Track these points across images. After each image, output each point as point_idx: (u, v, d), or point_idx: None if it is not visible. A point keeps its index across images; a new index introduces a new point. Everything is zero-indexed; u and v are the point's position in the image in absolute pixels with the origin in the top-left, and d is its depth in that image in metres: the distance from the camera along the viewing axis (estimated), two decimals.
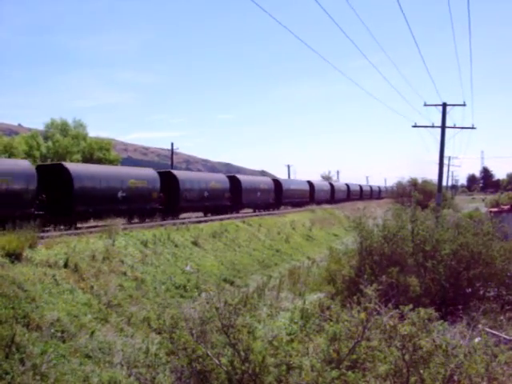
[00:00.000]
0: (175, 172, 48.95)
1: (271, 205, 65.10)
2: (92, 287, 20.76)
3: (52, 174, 34.53)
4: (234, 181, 55.12)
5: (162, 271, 26.26)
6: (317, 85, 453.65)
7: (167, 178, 45.05)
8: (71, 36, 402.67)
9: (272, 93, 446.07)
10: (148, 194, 41.12)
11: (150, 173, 43.70)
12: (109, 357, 16.22)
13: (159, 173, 44.52)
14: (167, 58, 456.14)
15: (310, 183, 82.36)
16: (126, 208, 38.42)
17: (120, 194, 37.82)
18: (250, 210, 61.14)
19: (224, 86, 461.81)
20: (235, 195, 54.12)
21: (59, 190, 33.94)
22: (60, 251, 22.47)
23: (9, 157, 45.89)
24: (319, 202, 79.38)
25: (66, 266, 21.32)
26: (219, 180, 54.19)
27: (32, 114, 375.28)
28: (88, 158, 56.83)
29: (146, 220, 39.99)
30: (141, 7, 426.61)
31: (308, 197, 79.51)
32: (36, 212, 30.68)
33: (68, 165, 36.91)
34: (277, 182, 68.73)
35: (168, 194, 44.05)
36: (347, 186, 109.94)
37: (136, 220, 39.95)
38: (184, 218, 44.97)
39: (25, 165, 32.40)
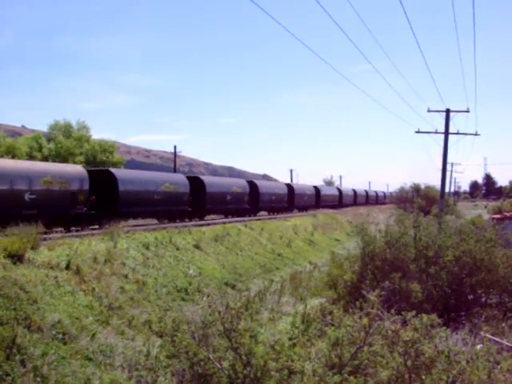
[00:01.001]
0: (202, 177, 53.38)
1: (285, 208, 68.71)
2: (93, 289, 20.75)
3: (100, 179, 37.70)
4: (252, 186, 59.11)
5: (164, 274, 26.25)
6: (320, 90, 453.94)
7: (195, 183, 48.77)
8: (76, 38, 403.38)
9: (275, 97, 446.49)
10: (179, 197, 45.14)
11: (181, 178, 48.32)
12: (110, 359, 16.19)
13: (188, 177, 49.19)
14: (171, 61, 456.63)
15: (316, 189, 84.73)
16: (161, 209, 42.54)
17: (156, 197, 41.91)
18: (266, 213, 65.32)
19: (227, 90, 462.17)
20: (253, 199, 57.74)
21: (106, 192, 37.37)
22: (62, 253, 22.47)
23: (12, 158, 45.88)
24: (326, 207, 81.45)
25: (67, 267, 21.30)
26: (240, 185, 58.32)
27: (36, 115, 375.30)
28: (91, 161, 56.84)
29: (177, 221, 42.96)
30: (146, 10, 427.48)
31: (314, 201, 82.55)
32: (88, 212, 34.82)
33: (114, 170, 41.06)
34: (290, 187, 72.06)
35: (195, 197, 47.33)
36: (354, 191, 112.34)
37: (165, 221, 42.30)
38: (208, 220, 49.05)
39: (80, 170, 36.35)
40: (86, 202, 34.88)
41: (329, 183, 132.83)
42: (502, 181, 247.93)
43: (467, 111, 44.48)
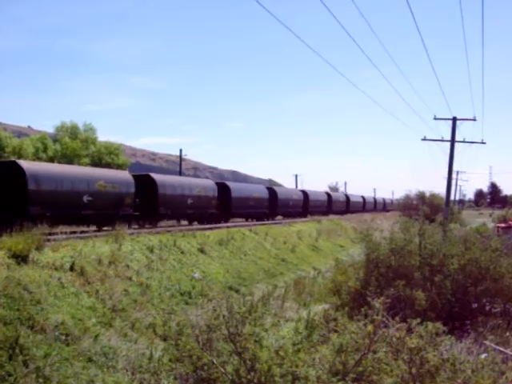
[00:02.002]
0: (228, 183, 58.60)
1: (300, 213, 72.75)
2: (97, 291, 20.76)
3: (142, 183, 41.37)
4: (271, 192, 63.61)
5: (168, 277, 26.26)
6: (326, 95, 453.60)
7: (221, 188, 53.47)
8: (83, 40, 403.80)
9: (282, 102, 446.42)
10: (209, 201, 49.81)
11: (211, 183, 53.33)
12: (112, 361, 16.19)
13: (216, 183, 54.10)
14: (179, 64, 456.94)
15: (328, 194, 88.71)
16: (193, 212, 47.40)
17: (189, 201, 46.41)
18: (282, 217, 68.42)
19: (233, 94, 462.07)
20: (272, 204, 62.00)
21: (148, 195, 41.20)
22: (66, 254, 22.49)
23: (18, 158, 45.98)
24: (336, 213, 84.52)
25: (71, 269, 21.33)
26: (260, 191, 64.33)
27: (42, 116, 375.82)
28: (97, 163, 56.93)
29: (206, 223, 47.68)
30: (153, 13, 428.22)
31: (326, 207, 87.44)
32: (134, 213, 38.77)
33: (155, 175, 44.97)
34: (305, 193, 76.47)
35: (222, 201, 52.05)
36: (363, 197, 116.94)
37: (195, 222, 48.00)
38: (234, 222, 53.25)
39: (127, 175, 40.58)
40: (133, 204, 38.90)
41: (334, 189, 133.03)
42: (507, 190, 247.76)
43: (474, 119, 44.52)
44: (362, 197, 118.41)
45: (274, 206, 64.43)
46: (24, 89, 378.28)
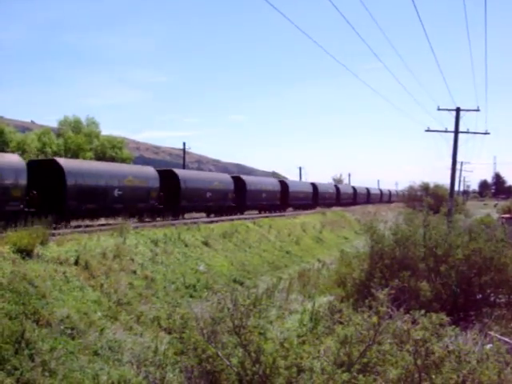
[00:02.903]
0: (244, 177, 60.44)
1: (310, 205, 74.17)
2: (102, 285, 20.80)
3: (166, 178, 43.86)
4: (283, 185, 65.26)
5: (172, 270, 26.29)
6: (330, 87, 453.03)
7: (237, 182, 55.89)
8: (85, 34, 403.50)
9: (285, 94, 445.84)
10: (226, 194, 52.35)
11: (227, 177, 55.98)
12: (118, 355, 16.24)
13: (232, 177, 57.05)
14: (181, 57, 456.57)
15: (336, 187, 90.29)
16: (212, 204, 49.90)
17: (208, 194, 48.95)
18: (293, 209, 71.27)
19: (237, 87, 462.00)
20: (284, 197, 63.60)
21: (171, 189, 43.61)
22: (71, 248, 22.53)
23: (22, 153, 46.04)
24: (344, 204, 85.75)
25: (76, 263, 21.37)
26: (273, 184, 66.76)
27: (45, 111, 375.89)
28: (100, 157, 56.92)
29: (223, 215, 49.94)
30: (155, 6, 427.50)
31: (335, 199, 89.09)
32: (158, 206, 41.21)
33: (177, 171, 48.03)
34: (314, 186, 78.32)
35: (238, 195, 54.48)
36: (367, 189, 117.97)
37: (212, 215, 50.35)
38: (249, 214, 56.10)
39: (152, 170, 43.08)
40: (157, 197, 41.33)
41: (338, 181, 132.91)
42: (511, 180, 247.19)
43: (477, 110, 44.31)
44: (367, 188, 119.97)
45: (285, 198, 65.90)
46: (27, 84, 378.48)
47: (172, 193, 43.98)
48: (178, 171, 48.11)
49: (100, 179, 35.78)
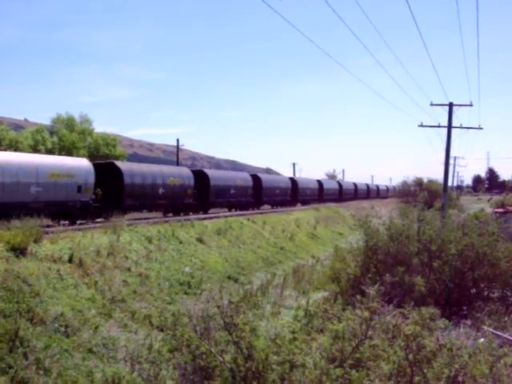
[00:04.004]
0: (260, 175, 66.58)
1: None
2: (96, 282, 20.79)
3: (198, 177, 48.73)
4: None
5: (167, 267, 26.26)
6: (323, 82, 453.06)
7: (254, 179, 61.01)
8: (78, 31, 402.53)
9: (278, 90, 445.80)
10: (246, 190, 57.35)
11: (246, 175, 61.64)
12: (112, 352, 16.26)
13: (250, 175, 62.69)
14: (174, 54, 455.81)
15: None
16: (234, 200, 55.17)
17: (232, 191, 54.16)
18: (301, 204, 76.31)
19: (230, 83, 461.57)
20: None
21: (201, 187, 48.27)
22: (65, 246, 22.49)
23: (15, 151, 45.96)
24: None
25: (70, 260, 21.35)
26: (285, 181, 72.58)
27: (38, 108, 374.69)
28: (94, 154, 56.81)
29: (244, 210, 54.93)
30: (147, 3, 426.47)
31: (338, 194, 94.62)
32: (193, 202, 46.30)
33: (207, 171, 54.68)
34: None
35: (255, 191, 59.92)
36: (367, 185, 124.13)
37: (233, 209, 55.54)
38: (264, 209, 61.36)
39: (188, 170, 49.05)
40: (192, 194, 46.15)
41: (331, 177, 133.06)
42: (505, 175, 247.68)
43: (470, 105, 44.32)
44: (367, 185, 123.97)
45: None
46: (20, 81, 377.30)
47: (203, 190, 48.88)
48: (208, 171, 54.80)
49: (149, 179, 41.30)
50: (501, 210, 46.22)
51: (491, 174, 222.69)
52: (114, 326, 18.22)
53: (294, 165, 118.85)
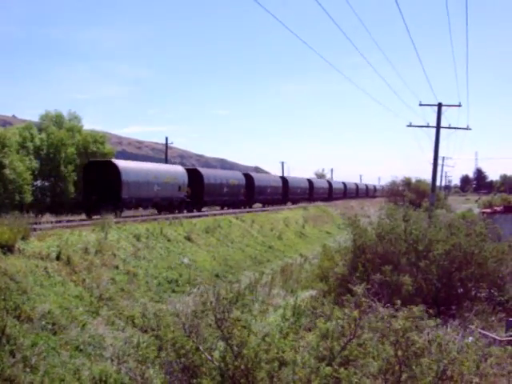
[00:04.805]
0: (252, 174, 68.90)
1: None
2: (84, 280, 20.72)
3: (192, 175, 50.29)
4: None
5: (155, 265, 26.22)
6: (312, 82, 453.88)
7: (247, 178, 62.94)
8: (67, 28, 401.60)
9: (268, 89, 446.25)
10: (239, 189, 59.75)
11: (239, 174, 63.97)
12: (100, 350, 16.21)
13: (243, 174, 65.60)
14: (164, 52, 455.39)
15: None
16: (227, 199, 57.41)
17: (225, 189, 56.56)
18: (291, 203, 77.38)
19: (220, 82, 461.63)
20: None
21: (195, 186, 49.83)
22: (52, 243, 22.39)
23: (2, 148, 45.60)
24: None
25: (58, 258, 21.25)
26: (276, 180, 73.82)
27: (27, 105, 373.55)
28: (82, 152, 56.45)
29: (236, 208, 56.33)
30: (139, 1, 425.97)
31: (327, 193, 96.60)
32: (187, 199, 48.02)
33: (202, 170, 56.51)
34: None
35: (247, 190, 61.94)
36: (356, 185, 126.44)
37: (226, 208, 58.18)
38: (255, 208, 63.00)
39: (182, 169, 50.23)
40: (186, 192, 47.65)
41: (320, 176, 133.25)
42: (492, 175, 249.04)
43: (459, 105, 44.43)
44: (356, 184, 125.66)
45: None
46: (8, 78, 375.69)
47: (197, 189, 50.27)
48: (202, 170, 56.50)
49: (145, 177, 42.68)
50: (488, 210, 46.42)
51: (479, 174, 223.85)
52: (102, 324, 18.17)
53: (282, 164, 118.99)
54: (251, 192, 62.27)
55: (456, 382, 7.71)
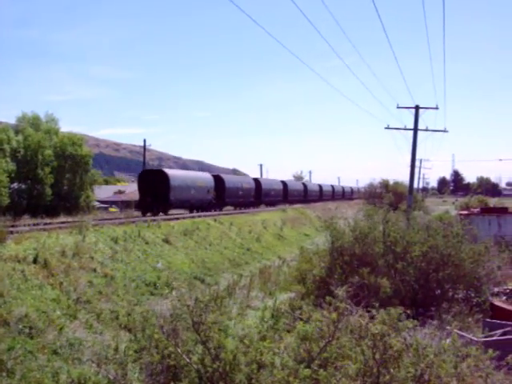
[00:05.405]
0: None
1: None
2: (61, 283, 20.57)
3: (216, 180, 60.29)
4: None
5: (133, 268, 26.12)
6: (291, 84, 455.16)
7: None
8: (44, 30, 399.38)
9: (247, 91, 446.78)
10: (250, 192, 70.55)
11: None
12: (78, 353, 16.10)
13: (253, 179, 77.71)
14: (142, 54, 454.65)
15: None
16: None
17: (240, 192, 67.61)
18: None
19: (198, 84, 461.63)
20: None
21: (219, 189, 60.18)
22: (29, 246, 22.24)
23: None
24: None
25: (35, 261, 21.10)
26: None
27: (3, 107, 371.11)
28: (60, 154, 56.10)
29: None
30: (116, 3, 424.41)
31: (303, 195, 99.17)
32: (213, 201, 58.48)
33: (223, 175, 66.99)
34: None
35: (256, 193, 73.53)
36: (332, 187, 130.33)
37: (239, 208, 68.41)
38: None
39: (209, 175, 61.10)
40: (213, 195, 57.43)
41: (298, 178, 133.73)
42: (469, 177, 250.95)
43: (436, 108, 44.77)
44: (332, 186, 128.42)
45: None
46: None
47: (219, 192, 59.64)
48: (224, 176, 66.88)
49: (185, 182, 52.36)
50: (465, 212, 46.81)
51: (456, 176, 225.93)
52: (80, 327, 18.06)
53: (261, 166, 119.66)
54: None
55: None
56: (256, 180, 77.70)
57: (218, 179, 63.37)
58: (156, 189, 47.67)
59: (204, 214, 50.22)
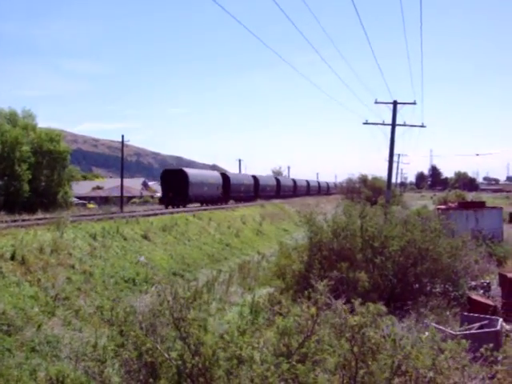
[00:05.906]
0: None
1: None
2: (39, 280, 20.47)
3: (223, 178, 71.90)
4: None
5: (111, 264, 26.03)
6: (268, 78, 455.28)
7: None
8: (19, 24, 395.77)
9: (224, 87, 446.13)
10: (217, 188, 69.15)
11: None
12: (56, 350, 16.04)
13: (252, 176, 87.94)
14: (120, 48, 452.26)
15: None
16: (243, 195, 77.59)
17: (242, 188, 77.80)
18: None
19: (176, 79, 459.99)
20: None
21: (225, 185, 70.89)
22: (7, 243, 22.10)
23: None
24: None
25: (12, 258, 20.97)
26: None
27: None
28: (37, 150, 55.74)
29: (246, 202, 74.37)
30: None
31: (275, 191, 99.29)
32: (221, 195, 69.85)
33: (228, 173, 78.61)
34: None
35: (255, 189, 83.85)
36: (307, 182, 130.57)
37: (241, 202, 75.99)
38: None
39: (218, 174, 73.87)
40: (221, 191, 68.35)
41: (277, 173, 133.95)
42: (447, 172, 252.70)
43: (414, 103, 44.84)
44: (307, 181, 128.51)
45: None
46: None
47: (225, 188, 70.12)
48: (229, 173, 79.36)
49: (201, 179, 62.96)
50: (443, 206, 47.10)
51: (434, 171, 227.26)
52: (58, 324, 18.00)
53: (239, 161, 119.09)
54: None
55: (411, 376, 7.83)
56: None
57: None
58: (177, 186, 57.52)
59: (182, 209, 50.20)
